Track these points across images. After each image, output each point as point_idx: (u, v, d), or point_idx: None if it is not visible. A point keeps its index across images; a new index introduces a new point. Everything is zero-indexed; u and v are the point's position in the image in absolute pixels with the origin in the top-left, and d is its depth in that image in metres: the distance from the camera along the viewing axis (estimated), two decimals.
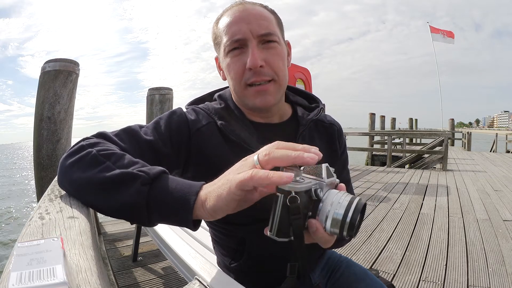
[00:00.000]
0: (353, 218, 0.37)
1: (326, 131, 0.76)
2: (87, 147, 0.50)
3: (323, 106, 0.76)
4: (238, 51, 0.61)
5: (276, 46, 0.63)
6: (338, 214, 0.37)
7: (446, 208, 3.53)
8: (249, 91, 0.62)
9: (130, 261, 2.06)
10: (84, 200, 0.49)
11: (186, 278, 0.88)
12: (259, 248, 0.68)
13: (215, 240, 0.76)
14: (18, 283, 0.26)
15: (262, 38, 0.61)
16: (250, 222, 0.66)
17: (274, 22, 0.64)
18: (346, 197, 0.38)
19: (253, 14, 0.61)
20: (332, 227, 0.38)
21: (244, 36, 0.60)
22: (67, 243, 0.36)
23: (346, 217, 0.37)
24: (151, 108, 3.45)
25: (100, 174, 0.45)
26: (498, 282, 1.83)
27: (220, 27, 0.64)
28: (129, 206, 0.44)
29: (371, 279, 0.77)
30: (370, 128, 11.61)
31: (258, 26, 0.60)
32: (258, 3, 0.65)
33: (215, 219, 0.44)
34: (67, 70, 2.29)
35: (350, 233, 0.37)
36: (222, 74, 0.70)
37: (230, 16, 0.62)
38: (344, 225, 0.37)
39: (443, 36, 18.00)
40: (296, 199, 0.37)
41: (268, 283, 0.74)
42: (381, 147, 11.58)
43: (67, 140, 2.34)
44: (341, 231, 0.38)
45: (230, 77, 0.64)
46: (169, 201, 0.43)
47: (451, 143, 14.94)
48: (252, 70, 0.60)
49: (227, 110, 0.68)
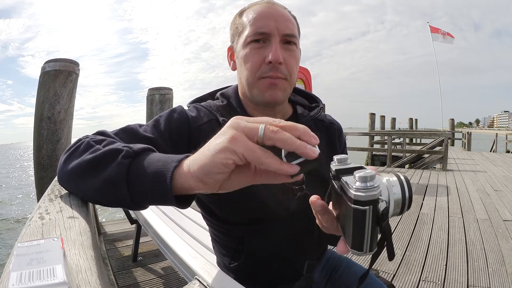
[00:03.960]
0: (410, 191, 0.37)
1: (326, 130, 0.76)
2: (82, 139, 0.50)
3: (323, 105, 0.77)
4: (259, 44, 0.63)
5: (294, 49, 0.65)
6: (398, 194, 0.37)
7: (446, 208, 3.53)
8: (262, 83, 0.63)
9: (130, 261, 2.06)
10: (77, 188, 0.48)
11: (186, 278, 0.88)
12: (258, 248, 0.68)
13: (215, 239, 0.76)
14: (18, 283, 0.26)
15: (285, 38, 0.63)
16: (249, 222, 0.66)
17: (296, 27, 0.67)
18: (390, 177, 0.38)
19: (281, 14, 0.64)
20: (395, 209, 0.38)
21: (269, 31, 0.62)
22: (67, 243, 0.36)
23: (405, 194, 0.37)
24: (151, 108, 3.46)
25: (89, 155, 0.45)
26: (498, 282, 1.83)
27: (244, 19, 0.65)
28: (110, 182, 0.41)
29: (371, 279, 0.77)
30: (370, 128, 11.61)
31: (285, 26, 0.62)
32: (284, 7, 0.67)
33: (208, 190, 0.37)
34: (67, 70, 2.29)
35: (409, 205, 0.38)
36: (232, 64, 0.71)
37: (257, 11, 0.64)
38: (405, 202, 0.38)
39: (443, 36, 18.00)
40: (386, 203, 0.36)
41: (267, 284, 0.74)
42: (381, 147, 11.58)
43: (67, 140, 2.34)
44: (402, 208, 0.38)
45: (244, 67, 0.64)
46: (148, 173, 0.39)
47: (451, 143, 14.94)
48: (271, 64, 0.61)
49: (229, 107, 0.69)
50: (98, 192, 0.44)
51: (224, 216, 0.68)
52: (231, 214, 0.67)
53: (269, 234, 0.67)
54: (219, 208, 0.68)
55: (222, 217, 0.69)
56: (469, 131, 13.87)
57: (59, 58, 2.32)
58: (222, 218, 0.68)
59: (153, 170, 0.39)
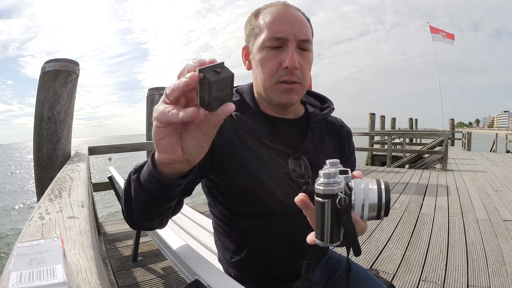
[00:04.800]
0: (387, 198, 0.39)
1: (336, 132, 0.79)
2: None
3: (333, 107, 0.78)
4: (276, 49, 0.64)
5: (309, 54, 0.67)
6: (373, 199, 0.39)
7: (446, 208, 3.53)
8: (280, 87, 0.65)
9: (130, 261, 2.06)
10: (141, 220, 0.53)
11: (186, 278, 0.88)
12: (261, 242, 0.69)
13: (218, 231, 0.77)
14: (18, 283, 0.26)
15: (300, 44, 0.64)
16: (254, 215, 0.67)
17: (310, 30, 0.68)
18: (371, 182, 0.40)
19: (297, 19, 0.65)
20: (370, 212, 0.39)
21: (286, 37, 0.63)
22: (67, 243, 0.36)
23: (381, 200, 0.39)
24: (151, 108, 3.44)
25: (124, 196, 0.51)
26: (498, 282, 1.83)
27: (260, 21, 0.66)
28: (138, 199, 0.48)
29: (371, 279, 0.77)
30: (370, 128, 11.60)
31: (300, 31, 0.64)
32: (299, 9, 0.68)
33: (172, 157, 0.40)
34: (67, 70, 2.29)
35: (387, 212, 0.39)
36: (248, 64, 0.72)
37: (274, 14, 0.65)
38: (381, 207, 0.39)
39: (443, 37, 17.97)
40: (345, 199, 0.38)
41: (267, 283, 0.74)
42: (381, 147, 11.57)
43: (67, 140, 2.34)
44: (378, 213, 0.39)
45: (261, 70, 0.66)
46: (145, 171, 0.46)
47: (451, 143, 14.93)
48: (288, 69, 0.63)
49: (242, 103, 0.71)
50: (144, 212, 0.50)
51: (229, 207, 0.70)
52: (237, 206, 0.69)
53: (273, 229, 0.69)
54: (225, 198, 0.69)
55: (228, 209, 0.70)
56: (469, 131, 13.87)
57: (59, 58, 2.31)
58: (228, 209, 0.70)
59: (147, 168, 0.45)
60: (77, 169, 1.31)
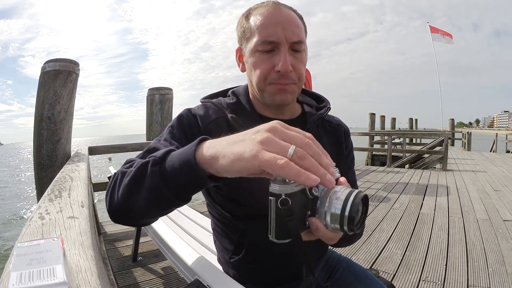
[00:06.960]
0: (352, 211, 0.36)
1: (334, 131, 0.78)
2: (116, 173, 0.53)
3: (329, 106, 0.78)
4: (268, 53, 0.63)
5: (302, 54, 0.66)
6: (336, 209, 0.37)
7: (446, 208, 3.53)
8: (272, 88, 0.64)
9: (130, 261, 2.06)
10: (131, 211, 0.50)
11: (186, 278, 0.88)
12: (260, 242, 0.69)
13: (217, 231, 0.77)
14: (18, 283, 0.26)
15: (293, 46, 0.63)
16: (252, 216, 0.67)
17: (303, 30, 0.67)
18: (344, 191, 0.37)
19: (288, 20, 0.63)
20: (332, 222, 0.37)
21: (278, 40, 0.62)
22: (67, 243, 0.36)
23: (344, 211, 0.36)
24: (151, 108, 3.46)
25: (126, 179, 0.49)
26: (498, 282, 1.83)
27: (252, 23, 0.65)
28: (152, 190, 0.46)
29: (371, 279, 0.77)
30: (370, 128, 11.60)
31: (292, 33, 0.62)
32: (290, 7, 0.67)
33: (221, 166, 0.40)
34: (67, 70, 2.29)
35: (351, 227, 0.36)
36: (242, 66, 0.71)
37: (265, 15, 0.63)
38: (344, 220, 0.36)
39: (442, 36, 17.98)
40: (287, 201, 0.37)
41: (267, 283, 0.74)
42: (381, 147, 11.57)
43: (67, 140, 2.34)
44: (341, 226, 0.37)
45: (254, 73, 0.65)
46: (176, 168, 0.44)
47: (451, 143, 14.93)
48: (280, 72, 0.62)
49: (238, 105, 0.71)
50: (149, 205, 0.47)
51: (229, 208, 0.70)
52: (235, 207, 0.69)
53: None
54: (223, 199, 0.69)
55: (227, 209, 0.70)
56: (469, 131, 13.86)
57: (59, 58, 2.32)
58: (227, 209, 0.70)
59: (179, 164, 0.43)
60: (77, 169, 1.31)
